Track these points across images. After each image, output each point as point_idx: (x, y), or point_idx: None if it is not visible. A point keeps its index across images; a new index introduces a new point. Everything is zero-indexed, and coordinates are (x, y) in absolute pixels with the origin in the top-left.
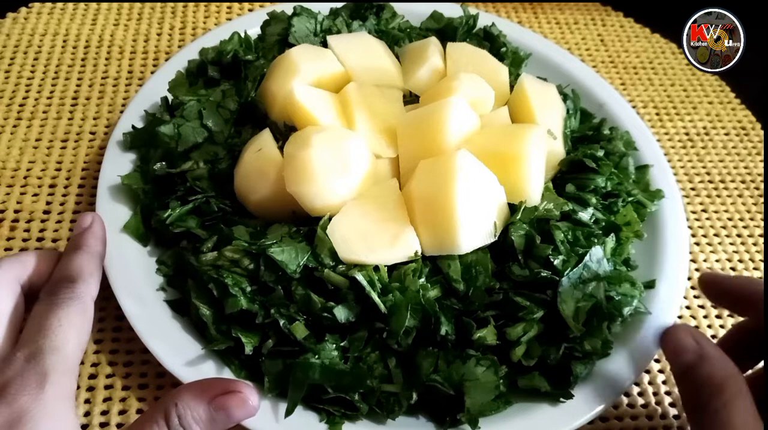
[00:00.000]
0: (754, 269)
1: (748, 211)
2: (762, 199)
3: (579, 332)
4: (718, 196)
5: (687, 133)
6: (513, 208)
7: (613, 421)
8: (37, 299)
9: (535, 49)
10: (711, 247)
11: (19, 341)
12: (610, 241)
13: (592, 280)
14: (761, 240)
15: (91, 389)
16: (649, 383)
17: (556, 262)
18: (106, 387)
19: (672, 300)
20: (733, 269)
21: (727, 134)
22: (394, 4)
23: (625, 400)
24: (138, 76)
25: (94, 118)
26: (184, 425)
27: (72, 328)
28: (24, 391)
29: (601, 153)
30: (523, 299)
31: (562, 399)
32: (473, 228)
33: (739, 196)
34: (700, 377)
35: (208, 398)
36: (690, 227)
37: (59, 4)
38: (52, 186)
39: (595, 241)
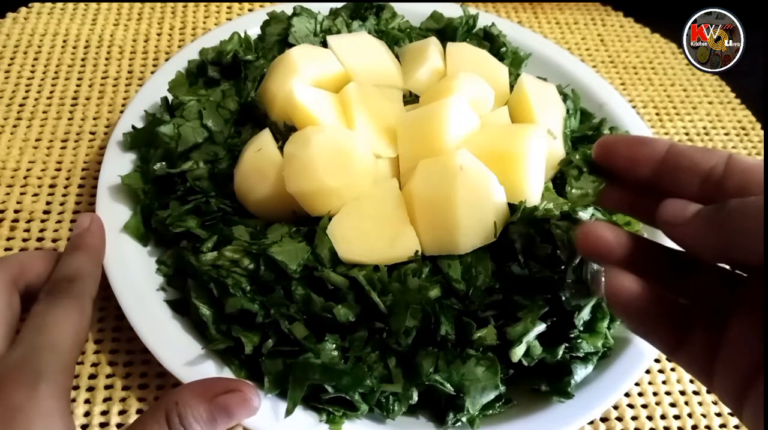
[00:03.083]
0: None
1: None
2: None
3: None
4: None
5: (687, 133)
6: (513, 208)
7: (613, 421)
8: (36, 299)
9: (535, 49)
10: None
11: (16, 340)
12: None
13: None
14: None
15: (91, 389)
16: (649, 383)
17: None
18: (106, 387)
19: None
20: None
21: (727, 134)
22: (394, 4)
23: (625, 400)
24: (138, 76)
25: (94, 118)
26: (184, 424)
27: (69, 327)
28: (18, 389)
29: None
30: (523, 299)
31: (561, 399)
32: (473, 228)
33: None
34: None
35: (209, 397)
36: None
37: (59, 4)
38: (52, 186)
39: None
